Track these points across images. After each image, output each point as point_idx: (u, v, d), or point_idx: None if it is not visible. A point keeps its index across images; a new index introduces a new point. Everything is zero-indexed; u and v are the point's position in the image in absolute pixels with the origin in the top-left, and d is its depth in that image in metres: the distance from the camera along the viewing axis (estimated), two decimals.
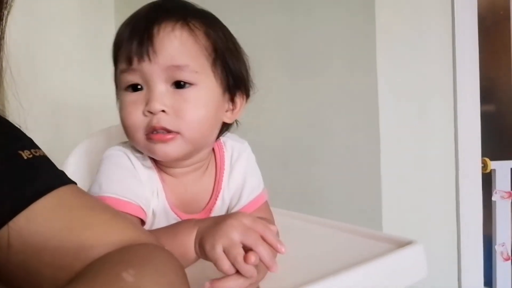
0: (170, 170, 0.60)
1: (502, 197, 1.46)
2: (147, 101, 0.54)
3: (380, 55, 1.13)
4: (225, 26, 0.60)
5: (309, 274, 0.51)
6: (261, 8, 1.33)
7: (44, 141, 0.46)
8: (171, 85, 0.54)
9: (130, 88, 0.56)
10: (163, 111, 0.53)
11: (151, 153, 0.57)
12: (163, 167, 0.60)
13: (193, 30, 0.55)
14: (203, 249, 0.46)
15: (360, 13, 1.16)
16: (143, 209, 0.56)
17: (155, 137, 0.54)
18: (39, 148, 0.42)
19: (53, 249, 0.36)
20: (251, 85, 0.62)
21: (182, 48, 0.54)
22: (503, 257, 1.45)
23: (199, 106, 0.55)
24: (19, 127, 0.42)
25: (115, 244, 0.38)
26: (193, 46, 0.55)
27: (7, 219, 0.36)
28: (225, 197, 0.63)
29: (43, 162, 0.41)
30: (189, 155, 0.58)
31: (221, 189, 0.62)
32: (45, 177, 0.39)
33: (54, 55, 1.70)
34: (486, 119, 1.37)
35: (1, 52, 0.39)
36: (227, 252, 0.43)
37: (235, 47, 0.60)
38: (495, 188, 1.46)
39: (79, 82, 1.78)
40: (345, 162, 1.21)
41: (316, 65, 1.25)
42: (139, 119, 0.54)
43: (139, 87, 0.55)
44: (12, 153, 0.39)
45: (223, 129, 0.62)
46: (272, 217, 0.65)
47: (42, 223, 0.37)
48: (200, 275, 0.45)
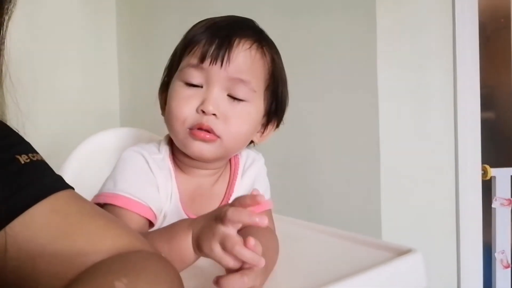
0: (190, 171, 0.63)
1: (502, 204, 1.45)
2: (203, 100, 0.58)
3: (380, 61, 1.13)
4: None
5: (307, 282, 0.50)
6: (261, 10, 1.33)
7: (42, 145, 0.46)
8: (227, 94, 0.59)
9: (188, 83, 0.59)
10: (214, 114, 0.58)
11: (187, 147, 0.59)
12: (183, 166, 0.63)
13: (265, 54, 0.62)
14: (203, 252, 0.46)
15: (360, 18, 1.16)
16: (153, 211, 0.58)
17: (199, 133, 0.58)
18: (37, 153, 0.41)
19: (48, 255, 0.36)
20: (284, 117, 0.67)
21: (252, 66, 0.60)
22: (503, 265, 1.44)
23: (245, 121, 0.60)
24: (17, 131, 0.42)
25: (109, 251, 0.37)
26: (260, 68, 0.61)
27: (3, 224, 0.36)
28: None
29: (41, 167, 0.41)
30: (217, 159, 0.61)
31: (233, 192, 0.65)
32: (42, 182, 0.39)
33: (55, 58, 1.70)
34: (486, 126, 1.37)
35: (1, 58, 0.39)
36: (224, 247, 0.44)
37: (285, 78, 0.66)
38: (495, 195, 1.45)
39: (80, 86, 1.78)
40: (344, 168, 1.21)
41: (316, 67, 1.25)
42: (189, 113, 0.58)
43: (195, 83, 0.59)
44: (9, 157, 0.39)
45: None
46: (273, 225, 0.65)
47: (38, 229, 0.37)
48: (200, 275, 0.45)
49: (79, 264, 0.36)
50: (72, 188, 0.42)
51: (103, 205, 0.57)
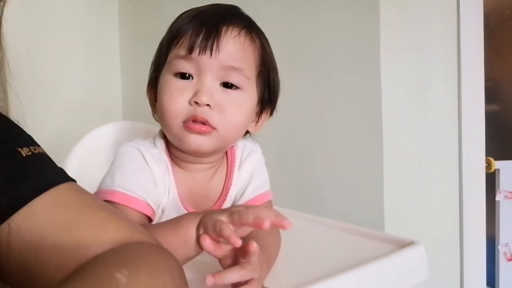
0: (186, 166, 0.62)
1: (506, 197, 1.45)
2: (196, 91, 0.56)
3: (384, 54, 1.13)
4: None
5: (310, 274, 0.51)
6: (265, 9, 1.32)
7: (44, 141, 0.46)
8: (220, 84, 0.57)
9: (178, 75, 0.58)
10: (208, 105, 0.56)
11: (183, 142, 0.58)
12: (179, 161, 0.61)
13: (254, 40, 0.60)
14: (199, 242, 0.46)
15: (364, 12, 1.15)
16: (151, 206, 0.57)
17: (194, 126, 0.56)
18: (38, 146, 0.42)
19: (50, 247, 0.36)
20: (277, 105, 0.66)
21: (243, 52, 0.58)
22: (506, 258, 1.44)
23: (241, 110, 0.59)
24: (18, 124, 0.42)
25: (111, 243, 0.38)
26: (251, 54, 0.59)
27: (6, 216, 0.36)
28: (232, 193, 0.64)
29: (42, 160, 0.41)
30: (215, 151, 0.60)
31: (231, 185, 0.64)
32: (43, 174, 0.39)
33: (56, 52, 1.70)
34: (491, 119, 1.36)
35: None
36: (213, 228, 0.44)
37: (276, 64, 0.64)
38: (499, 188, 1.45)
39: (82, 81, 1.78)
40: (347, 162, 1.20)
41: (320, 65, 1.24)
42: (182, 106, 0.56)
43: (187, 75, 0.57)
44: (11, 150, 0.39)
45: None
46: None
47: (40, 221, 0.37)
48: (200, 275, 0.45)
49: (80, 256, 0.36)
50: (74, 181, 0.42)
51: None
